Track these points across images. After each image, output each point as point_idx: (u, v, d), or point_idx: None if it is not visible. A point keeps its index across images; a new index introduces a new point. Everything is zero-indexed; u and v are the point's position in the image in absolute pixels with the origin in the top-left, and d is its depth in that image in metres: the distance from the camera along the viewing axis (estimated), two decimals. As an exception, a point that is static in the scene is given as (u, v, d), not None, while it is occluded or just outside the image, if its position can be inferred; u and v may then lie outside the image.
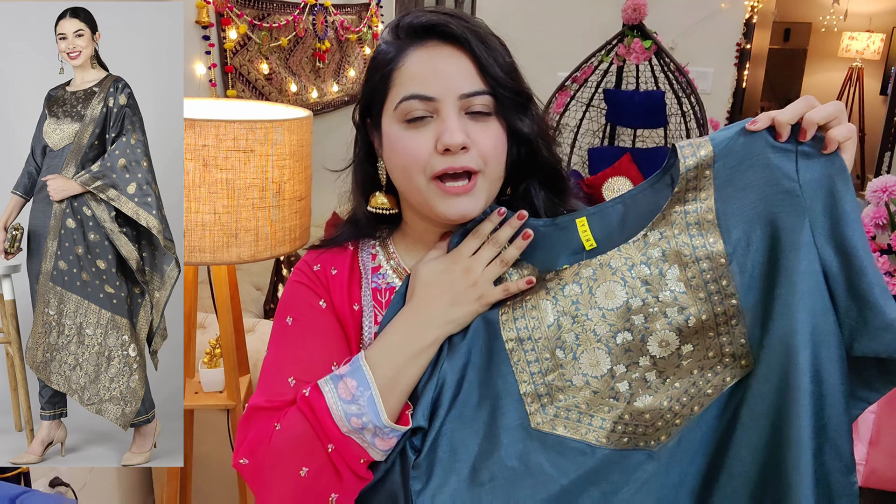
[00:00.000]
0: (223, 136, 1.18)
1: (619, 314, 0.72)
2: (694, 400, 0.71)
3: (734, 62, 4.45)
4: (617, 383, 0.72)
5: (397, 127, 0.74)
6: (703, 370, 0.71)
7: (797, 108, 0.68)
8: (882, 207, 2.61)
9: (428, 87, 0.71)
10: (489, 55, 0.73)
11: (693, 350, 0.71)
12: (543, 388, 0.72)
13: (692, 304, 0.71)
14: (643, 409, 0.71)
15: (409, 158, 0.73)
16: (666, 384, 0.71)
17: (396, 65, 0.73)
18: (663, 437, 0.71)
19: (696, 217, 0.71)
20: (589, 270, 0.74)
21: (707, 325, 0.71)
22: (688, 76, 3.84)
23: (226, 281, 1.38)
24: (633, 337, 0.72)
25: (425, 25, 0.72)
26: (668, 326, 0.71)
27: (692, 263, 0.71)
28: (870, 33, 6.99)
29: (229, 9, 2.34)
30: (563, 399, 0.72)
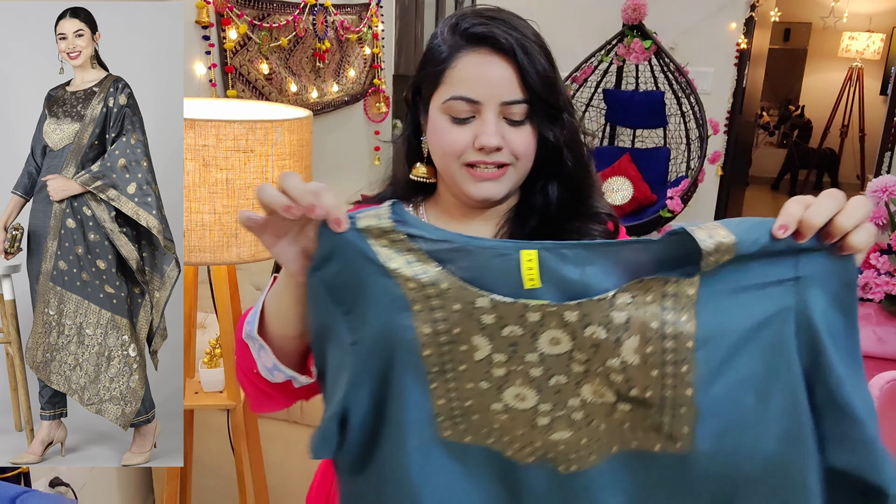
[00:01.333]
0: (223, 136, 1.18)
1: (558, 360, 0.65)
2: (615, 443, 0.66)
3: (734, 62, 4.45)
4: (539, 418, 0.67)
5: (443, 118, 0.81)
6: (634, 428, 0.65)
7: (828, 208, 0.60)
8: (882, 207, 2.61)
9: (474, 91, 0.79)
10: (531, 67, 0.78)
11: (629, 411, 0.65)
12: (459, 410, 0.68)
13: (640, 378, 0.63)
14: (559, 441, 0.66)
15: (449, 148, 0.81)
16: (591, 426, 0.66)
17: (449, 64, 0.80)
18: (573, 466, 0.67)
19: (675, 289, 0.62)
20: (537, 316, 0.64)
21: (650, 402, 0.64)
22: (687, 76, 3.85)
23: (226, 281, 1.38)
24: (568, 380, 0.65)
25: (480, 35, 0.78)
26: (607, 384, 0.65)
27: (657, 339, 0.62)
28: (870, 33, 6.99)
29: (229, 9, 2.34)
30: (477, 418, 0.68)
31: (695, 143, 4.03)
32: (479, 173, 0.81)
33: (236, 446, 1.47)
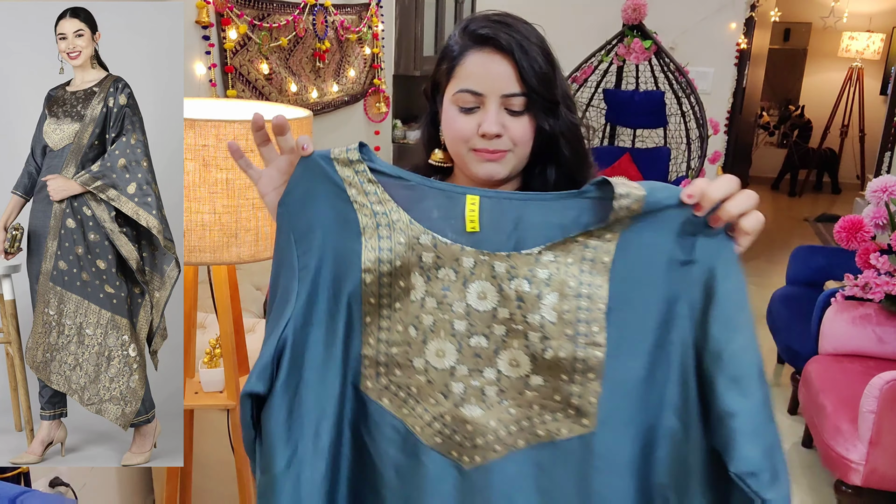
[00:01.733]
0: (223, 136, 1.18)
1: (482, 317, 0.70)
2: (522, 434, 0.69)
3: (734, 62, 4.45)
4: (453, 382, 0.71)
5: (453, 108, 0.91)
6: (543, 409, 0.69)
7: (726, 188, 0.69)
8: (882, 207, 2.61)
9: (478, 85, 0.88)
10: (528, 64, 0.88)
11: (542, 384, 0.69)
12: (384, 357, 0.72)
13: (556, 337, 0.68)
14: (468, 418, 0.69)
15: (458, 134, 0.90)
16: (502, 405, 0.69)
17: (459, 61, 0.91)
18: (478, 458, 0.69)
19: (593, 254, 0.69)
20: (470, 261, 0.71)
21: (563, 366, 0.68)
22: (688, 76, 3.84)
23: (226, 281, 1.38)
24: (488, 345, 0.70)
25: (484, 36, 0.89)
26: (524, 348, 0.69)
27: (573, 297, 0.69)
28: (870, 33, 6.99)
29: (229, 9, 2.34)
30: (398, 375, 0.72)
31: (695, 143, 4.03)
32: (483, 155, 0.90)
33: (236, 446, 1.47)
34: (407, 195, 0.73)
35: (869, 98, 7.19)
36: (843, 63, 7.22)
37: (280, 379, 0.73)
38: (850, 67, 7.04)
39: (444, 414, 0.71)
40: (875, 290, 2.56)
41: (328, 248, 0.73)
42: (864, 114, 7.07)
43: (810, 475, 2.65)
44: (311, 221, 0.73)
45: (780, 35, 7.46)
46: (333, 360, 0.73)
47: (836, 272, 3.32)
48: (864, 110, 7.08)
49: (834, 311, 2.71)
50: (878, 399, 2.13)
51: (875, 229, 2.65)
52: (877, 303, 2.63)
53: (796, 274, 3.46)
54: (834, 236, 2.70)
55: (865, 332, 2.66)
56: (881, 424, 2.14)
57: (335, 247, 0.73)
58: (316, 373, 0.73)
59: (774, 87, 7.65)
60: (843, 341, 2.68)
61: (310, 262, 0.73)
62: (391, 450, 0.72)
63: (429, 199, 0.73)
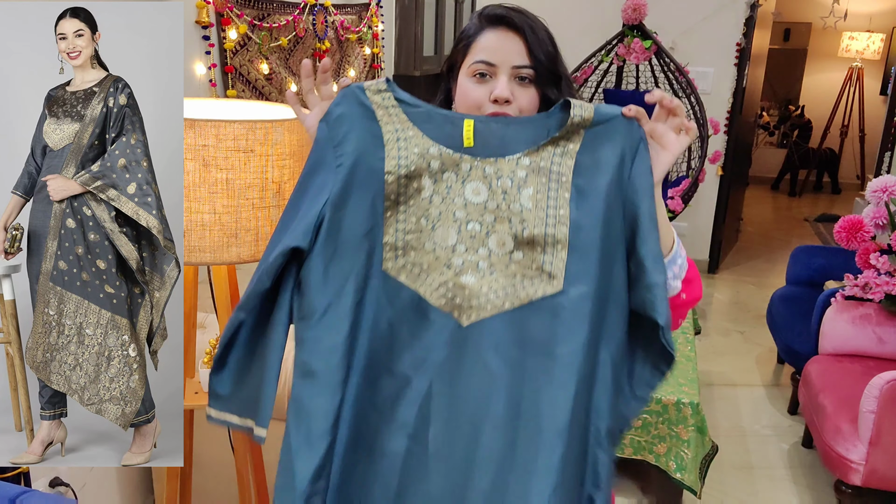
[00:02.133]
0: (223, 136, 1.18)
1: (476, 208, 0.92)
2: (507, 298, 0.90)
3: (734, 62, 4.45)
4: (454, 258, 0.92)
5: (468, 80, 1.03)
6: (524, 277, 0.91)
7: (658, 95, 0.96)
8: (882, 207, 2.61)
9: (492, 56, 1.01)
10: (537, 42, 1.01)
11: (522, 258, 0.91)
12: (402, 241, 0.93)
13: (532, 220, 0.91)
14: (465, 285, 0.91)
15: (471, 100, 1.01)
16: (492, 276, 0.91)
17: (474, 39, 1.03)
18: (473, 316, 0.90)
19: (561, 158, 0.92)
20: (467, 166, 0.93)
21: (538, 241, 0.90)
22: (688, 76, 3.84)
23: (226, 281, 1.38)
24: (481, 229, 0.92)
25: (498, 16, 1.02)
26: (508, 231, 0.92)
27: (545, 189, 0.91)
28: (870, 33, 6.99)
29: (229, 9, 2.34)
30: (412, 255, 0.92)
31: (695, 143, 4.03)
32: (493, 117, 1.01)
33: (236, 446, 1.47)
34: (421, 117, 0.94)
35: (869, 98, 7.19)
36: (843, 63, 7.22)
37: (319, 242, 0.91)
38: (850, 67, 7.04)
39: (447, 282, 0.91)
40: (875, 290, 2.56)
41: (359, 154, 0.93)
42: (864, 114, 7.07)
43: (810, 475, 2.65)
44: (346, 132, 0.93)
45: (780, 35, 7.46)
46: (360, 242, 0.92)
47: (836, 272, 3.32)
48: (864, 110, 7.08)
49: (834, 311, 2.71)
50: (878, 399, 2.13)
51: (875, 229, 2.65)
52: (877, 303, 2.63)
53: (796, 274, 3.46)
54: (834, 236, 2.69)
55: (865, 332, 2.66)
56: (881, 424, 2.14)
57: (364, 153, 0.93)
58: (346, 247, 0.92)
59: (774, 87, 7.65)
60: (843, 341, 2.68)
61: (345, 161, 0.92)
62: (407, 312, 0.91)
63: (437, 121, 0.94)
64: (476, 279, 0.91)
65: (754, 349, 3.74)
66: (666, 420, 2.19)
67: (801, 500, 2.50)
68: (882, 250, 2.58)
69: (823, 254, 3.44)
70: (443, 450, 0.89)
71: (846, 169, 7.51)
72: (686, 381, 2.29)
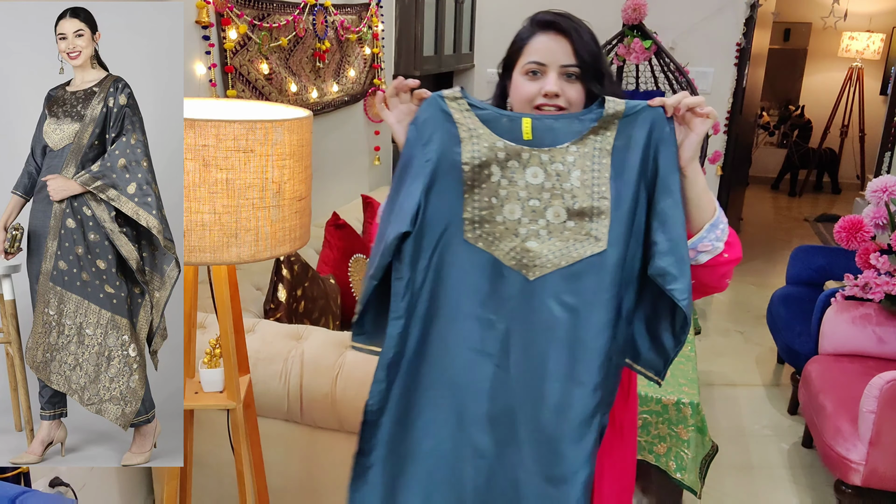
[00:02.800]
0: (223, 136, 1.18)
1: (535, 188, 1.15)
2: (563, 257, 1.14)
3: (734, 62, 4.45)
4: (520, 227, 1.15)
5: (522, 77, 1.22)
6: (575, 241, 1.14)
7: (676, 98, 1.13)
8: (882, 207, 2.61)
9: (543, 57, 1.20)
10: (582, 44, 1.19)
11: (574, 226, 1.14)
12: (478, 216, 1.16)
13: (581, 196, 1.14)
14: (529, 249, 1.15)
15: (525, 95, 1.22)
16: (550, 241, 1.15)
17: (527, 42, 1.23)
18: (537, 272, 1.14)
19: (600, 145, 1.14)
20: (527, 155, 1.15)
21: (585, 212, 1.14)
22: (688, 76, 3.84)
23: (226, 281, 1.38)
24: (540, 204, 1.15)
25: (548, 21, 1.21)
26: (562, 205, 1.14)
27: (589, 171, 1.14)
28: (870, 33, 6.98)
29: (229, 9, 2.34)
30: (487, 226, 1.16)
31: (695, 143, 4.02)
32: (543, 112, 1.21)
33: (236, 446, 1.47)
34: (488, 118, 1.16)
35: (869, 98, 7.19)
36: (843, 63, 7.22)
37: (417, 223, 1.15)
38: (850, 67, 7.04)
39: (515, 247, 1.15)
40: (875, 290, 2.56)
41: (442, 150, 1.16)
42: (864, 114, 7.07)
43: (810, 475, 2.65)
44: (431, 133, 1.16)
45: (780, 35, 7.46)
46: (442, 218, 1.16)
47: (836, 272, 3.32)
48: (864, 110, 7.08)
49: (834, 311, 2.71)
50: (878, 399, 2.13)
51: (875, 229, 2.65)
52: (877, 303, 2.63)
53: (796, 274, 3.46)
54: (834, 236, 2.69)
55: (865, 332, 2.66)
56: (881, 424, 2.14)
57: (446, 149, 1.16)
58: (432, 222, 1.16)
59: (774, 87, 7.65)
60: (843, 341, 2.68)
61: (432, 157, 1.16)
62: (486, 271, 1.15)
63: (501, 121, 1.16)
64: (538, 244, 1.15)
65: (754, 349, 3.74)
66: (666, 420, 2.19)
67: (801, 500, 2.50)
68: (882, 250, 2.58)
69: (823, 254, 3.44)
70: (521, 372, 1.15)
71: (846, 169, 7.51)
72: (686, 381, 2.29)
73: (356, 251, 2.69)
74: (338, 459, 1.85)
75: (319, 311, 2.34)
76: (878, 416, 2.13)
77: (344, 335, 1.89)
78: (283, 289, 2.20)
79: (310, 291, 2.32)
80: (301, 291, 2.27)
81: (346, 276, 2.60)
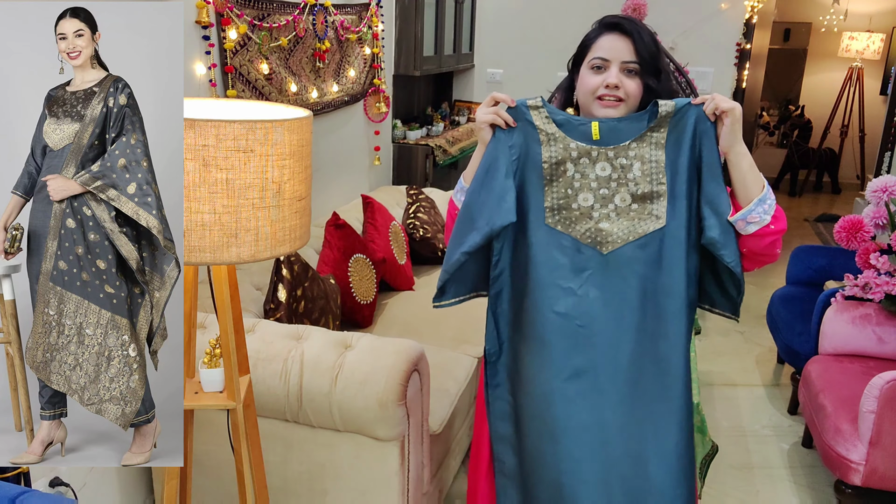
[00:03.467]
0: (223, 136, 1.18)
1: (604, 179, 1.40)
2: (631, 234, 1.40)
3: (734, 62, 4.45)
4: (593, 211, 1.40)
5: (588, 71, 1.43)
6: (640, 219, 1.40)
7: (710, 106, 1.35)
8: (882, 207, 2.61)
9: (607, 53, 1.41)
10: (642, 44, 1.39)
11: (637, 208, 1.40)
12: (556, 204, 1.41)
13: (642, 183, 1.39)
14: (602, 228, 1.40)
15: (589, 86, 1.43)
16: (619, 221, 1.40)
17: (595, 40, 1.43)
18: (609, 247, 1.40)
19: (656, 140, 1.39)
20: (595, 153, 1.40)
21: (646, 196, 1.39)
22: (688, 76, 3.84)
23: (226, 281, 1.38)
24: (609, 192, 1.40)
25: (614, 23, 1.41)
26: (626, 191, 1.40)
27: (647, 162, 1.39)
28: (870, 33, 6.98)
29: (229, 9, 2.34)
30: (564, 213, 1.41)
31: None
32: (604, 103, 1.42)
33: (236, 446, 1.47)
34: (563, 123, 1.41)
35: (869, 98, 7.19)
36: (843, 63, 7.22)
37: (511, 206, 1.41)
38: (850, 67, 7.04)
39: (590, 228, 1.40)
40: (875, 290, 2.56)
41: (525, 151, 1.42)
42: (864, 114, 7.07)
43: (810, 475, 2.65)
44: (516, 138, 1.42)
45: (780, 35, 7.46)
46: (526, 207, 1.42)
47: (836, 272, 3.32)
48: (864, 110, 7.08)
49: (834, 311, 2.71)
50: (878, 399, 2.13)
51: (875, 229, 2.65)
52: (877, 303, 2.63)
53: (796, 274, 3.46)
54: (834, 236, 2.69)
55: (865, 332, 2.66)
56: (881, 424, 2.14)
57: (529, 150, 1.41)
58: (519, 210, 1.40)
59: (774, 87, 7.65)
60: (843, 341, 2.68)
61: (515, 157, 1.41)
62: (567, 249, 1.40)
63: (574, 125, 1.41)
64: (609, 224, 1.40)
65: (754, 349, 3.74)
66: (666, 420, 2.19)
67: (801, 500, 2.50)
68: (882, 250, 2.58)
69: (823, 254, 3.44)
70: (602, 330, 1.40)
71: (846, 169, 7.51)
72: (686, 381, 2.29)
73: (356, 251, 2.69)
74: (337, 459, 1.85)
75: (319, 311, 2.34)
76: (878, 416, 2.13)
77: (344, 335, 1.89)
78: (283, 289, 2.20)
79: (310, 291, 2.32)
80: (301, 291, 2.27)
81: (346, 276, 2.60)
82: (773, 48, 6.80)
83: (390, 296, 2.95)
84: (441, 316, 2.71)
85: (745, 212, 1.33)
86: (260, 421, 1.80)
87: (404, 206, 3.43)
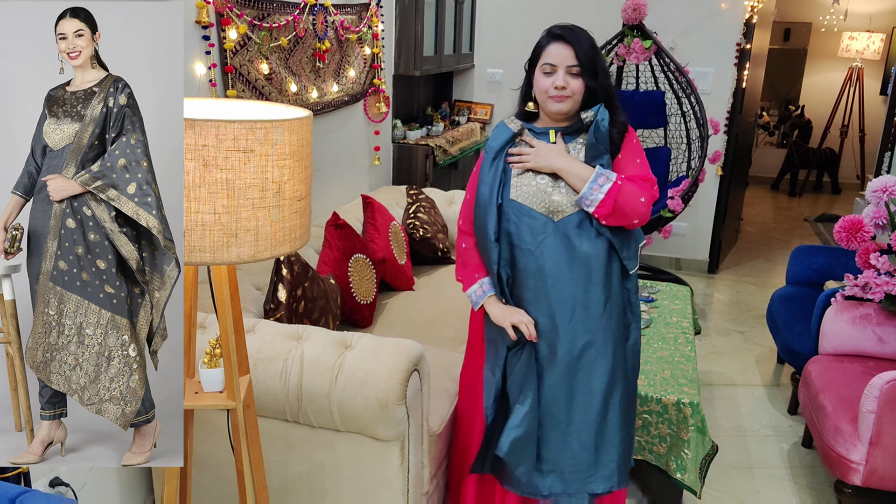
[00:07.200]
0: (223, 136, 1.18)
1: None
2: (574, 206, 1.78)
3: (734, 62, 4.45)
4: (547, 188, 1.77)
5: (540, 75, 1.72)
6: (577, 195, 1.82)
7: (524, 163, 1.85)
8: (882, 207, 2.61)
9: (553, 60, 1.69)
10: (581, 51, 1.68)
11: None
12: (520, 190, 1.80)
13: None
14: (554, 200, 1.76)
15: (542, 88, 1.72)
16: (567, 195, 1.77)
17: (544, 48, 1.72)
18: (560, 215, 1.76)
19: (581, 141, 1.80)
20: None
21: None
22: (688, 76, 3.84)
23: (226, 281, 1.38)
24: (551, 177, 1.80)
25: (557, 34, 1.71)
26: None
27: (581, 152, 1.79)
28: (870, 33, 6.98)
29: (229, 9, 2.34)
30: (524, 190, 1.79)
31: (695, 143, 4.03)
32: (555, 98, 1.71)
33: (236, 446, 1.47)
34: (533, 131, 1.79)
35: (869, 98, 7.19)
36: (843, 63, 7.22)
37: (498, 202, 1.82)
38: (850, 67, 7.04)
39: (544, 200, 1.74)
40: (875, 290, 2.56)
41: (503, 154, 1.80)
42: (864, 114, 7.07)
43: (810, 475, 2.65)
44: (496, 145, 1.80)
45: (780, 35, 7.46)
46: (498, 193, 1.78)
47: (836, 272, 3.32)
48: (864, 110, 7.08)
49: (834, 311, 2.71)
50: (878, 399, 2.13)
51: (875, 229, 2.65)
52: (877, 303, 2.63)
53: (796, 274, 3.46)
54: (834, 236, 2.69)
55: (865, 332, 2.66)
56: (881, 424, 2.14)
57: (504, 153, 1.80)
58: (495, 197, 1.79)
59: (774, 87, 7.65)
60: (843, 341, 2.68)
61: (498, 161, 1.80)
62: (525, 218, 1.76)
63: (540, 133, 1.78)
64: (559, 197, 1.74)
65: (754, 349, 3.74)
66: (666, 420, 2.19)
67: (801, 500, 2.50)
68: (882, 250, 2.58)
69: (823, 254, 3.44)
70: (556, 279, 1.75)
71: (846, 169, 7.51)
72: (686, 381, 2.29)
73: (356, 251, 2.69)
74: (338, 459, 1.85)
75: (319, 311, 2.34)
76: (878, 416, 2.13)
77: (344, 335, 1.89)
78: (283, 289, 2.20)
79: (310, 291, 2.32)
80: (301, 291, 2.27)
81: (346, 276, 2.60)
82: (773, 48, 6.80)
83: (390, 296, 2.95)
84: (441, 316, 2.71)
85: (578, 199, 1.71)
86: (260, 421, 1.80)
87: (404, 207, 3.43)
